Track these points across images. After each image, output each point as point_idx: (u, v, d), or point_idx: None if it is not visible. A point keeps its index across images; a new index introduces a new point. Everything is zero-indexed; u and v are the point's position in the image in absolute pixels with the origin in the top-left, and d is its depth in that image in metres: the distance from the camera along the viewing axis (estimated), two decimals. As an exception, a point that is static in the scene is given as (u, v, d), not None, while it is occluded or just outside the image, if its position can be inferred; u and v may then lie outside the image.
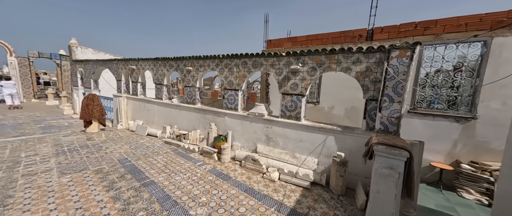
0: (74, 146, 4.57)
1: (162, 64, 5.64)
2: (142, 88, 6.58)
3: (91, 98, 5.81)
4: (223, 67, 4.38)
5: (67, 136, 5.37)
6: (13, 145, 4.44)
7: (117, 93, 7.00)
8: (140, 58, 6.14)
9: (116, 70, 7.08)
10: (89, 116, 5.73)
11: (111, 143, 4.94)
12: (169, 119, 5.66)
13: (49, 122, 7.25)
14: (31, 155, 3.92)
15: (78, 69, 8.89)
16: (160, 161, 3.91)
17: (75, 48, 9.01)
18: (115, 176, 3.21)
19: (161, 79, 5.76)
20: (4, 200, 2.42)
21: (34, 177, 3.02)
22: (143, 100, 6.31)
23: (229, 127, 4.40)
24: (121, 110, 6.66)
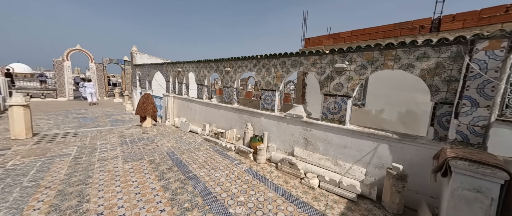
0: (133, 138, 5.34)
1: (204, 66, 6.05)
2: (186, 89, 7.23)
3: (146, 97, 6.71)
4: (261, 68, 4.37)
5: (128, 128, 6.34)
6: (92, 134, 5.50)
7: (166, 93, 7.90)
8: (185, 61, 6.76)
9: (165, 73, 8.00)
10: (144, 112, 6.63)
11: (161, 137, 5.58)
12: (208, 117, 6.03)
13: (115, 117, 8.75)
14: (104, 143, 4.77)
15: (137, 72, 10.46)
16: (201, 157, 4.17)
17: (135, 54, 10.64)
18: (164, 167, 3.58)
19: (202, 80, 6.19)
20: (86, 180, 2.99)
21: (105, 162, 3.64)
22: (187, 99, 6.92)
23: (265, 128, 4.36)
24: (169, 108, 7.47)
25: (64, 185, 2.79)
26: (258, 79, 4.45)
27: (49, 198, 2.49)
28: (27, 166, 3.32)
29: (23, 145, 4.34)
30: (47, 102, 11.90)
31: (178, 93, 7.44)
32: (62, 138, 5.00)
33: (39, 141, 4.61)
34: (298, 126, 3.77)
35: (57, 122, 7.05)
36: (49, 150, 4.10)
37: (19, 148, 4.14)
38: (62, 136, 5.13)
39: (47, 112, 8.93)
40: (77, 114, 8.64)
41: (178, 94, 7.43)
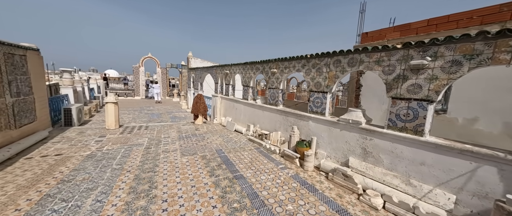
0: (188, 133, 5.98)
1: (250, 68, 6.19)
2: (232, 90, 7.62)
3: (199, 97, 7.44)
4: (310, 68, 4.08)
5: (184, 125, 7.18)
6: (158, 128, 6.50)
7: (214, 94, 8.55)
8: (232, 64, 7.13)
9: (215, 75, 8.68)
10: (197, 111, 7.37)
11: (210, 134, 6.04)
12: (252, 118, 6.13)
13: (174, 114, 10.12)
14: (166, 137, 5.54)
15: (191, 75, 11.83)
16: (247, 157, 4.23)
17: (190, 59, 12.06)
18: (214, 164, 3.81)
19: (248, 82, 6.36)
20: (154, 168, 3.50)
21: (167, 154, 4.18)
22: (232, 100, 7.27)
23: (313, 133, 4.04)
24: (217, 108, 8.05)
25: (139, 171, 3.34)
26: (307, 81, 4.17)
27: (129, 180, 3.02)
28: (115, 151, 4.18)
29: (113, 134, 5.53)
30: (128, 100, 15.01)
31: (225, 94, 7.93)
32: (137, 130, 6.11)
33: (122, 132, 5.78)
34: (354, 133, 3.30)
35: (134, 117, 8.73)
36: (129, 140, 5.06)
37: (111, 136, 5.28)
38: (137, 128, 6.27)
39: (128, 107, 11.21)
40: (147, 111, 10.47)
41: (225, 95, 7.92)
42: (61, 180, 2.92)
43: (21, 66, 4.29)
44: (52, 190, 2.65)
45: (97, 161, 3.65)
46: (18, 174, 3.02)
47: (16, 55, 4.14)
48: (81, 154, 3.94)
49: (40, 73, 5.09)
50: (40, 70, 5.10)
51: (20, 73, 4.25)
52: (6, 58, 3.82)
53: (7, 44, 3.85)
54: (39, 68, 5.01)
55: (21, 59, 4.29)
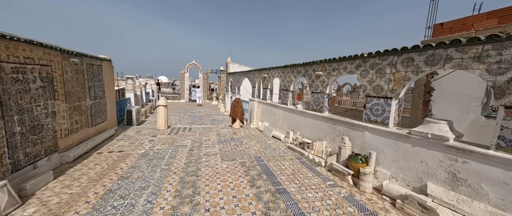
0: (227, 137, 6.04)
1: (290, 71, 5.85)
2: (270, 94, 7.40)
3: (237, 101, 7.52)
4: (367, 69, 3.45)
5: (222, 128, 7.36)
6: (199, 130, 6.83)
7: (251, 98, 8.53)
8: (271, 67, 6.93)
9: (252, 79, 8.67)
10: (234, 115, 7.45)
11: (248, 139, 5.94)
12: (292, 124, 5.73)
13: (213, 116, 10.62)
14: (207, 139, 5.72)
15: (229, 79, 12.27)
16: (288, 168, 3.88)
17: (229, 64, 12.54)
18: (254, 172, 3.61)
19: (287, 86, 6.02)
20: (196, 172, 3.55)
21: (209, 158, 4.24)
22: (270, 104, 7.04)
23: (371, 146, 3.37)
24: (254, 112, 7.98)
25: (183, 173, 3.44)
26: (363, 84, 3.55)
27: (175, 182, 3.11)
28: (164, 151, 4.49)
29: (162, 134, 6.06)
30: (175, 103, 16.76)
31: (262, 98, 7.78)
32: (182, 131, 6.56)
33: (170, 132, 6.29)
34: (436, 152, 2.53)
35: (179, 118, 9.54)
36: (175, 141, 5.43)
37: (161, 136, 5.80)
38: (182, 130, 6.74)
39: (174, 110, 12.43)
40: (190, 113, 11.34)
41: (262, 99, 7.77)
42: (121, 176, 3.23)
43: (98, 74, 5.16)
44: (114, 185, 2.93)
45: (149, 160, 3.97)
46: (91, 167, 3.52)
47: (95, 65, 4.98)
48: (137, 152, 4.38)
49: (111, 79, 6.04)
50: (111, 77, 6.06)
51: (97, 80, 5.10)
52: (87, 68, 4.63)
53: (89, 56, 4.66)
54: (110, 75, 5.96)
55: (98, 68, 5.15)
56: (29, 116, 2.94)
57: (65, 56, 3.81)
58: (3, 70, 2.54)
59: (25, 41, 2.83)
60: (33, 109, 3.03)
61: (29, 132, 2.94)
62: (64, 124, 3.77)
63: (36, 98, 3.09)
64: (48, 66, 3.35)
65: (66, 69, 3.83)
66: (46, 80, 3.31)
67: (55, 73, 3.54)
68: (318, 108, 4.72)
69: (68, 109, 3.88)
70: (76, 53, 4.13)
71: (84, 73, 4.46)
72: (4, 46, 2.56)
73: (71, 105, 3.97)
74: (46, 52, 3.32)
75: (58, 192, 2.69)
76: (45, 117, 3.27)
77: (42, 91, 3.22)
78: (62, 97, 3.70)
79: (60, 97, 3.65)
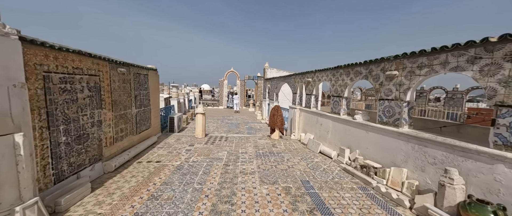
0: (265, 150, 5.32)
1: (344, 73, 4.73)
2: (315, 101, 6.35)
3: (276, 109, 6.77)
4: (500, 61, 2.13)
5: (260, 139, 6.70)
6: (236, 140, 6.37)
7: (292, 105, 7.62)
8: (317, 70, 5.92)
9: (293, 84, 7.79)
10: (273, 124, 6.70)
11: (289, 154, 5.06)
12: (347, 139, 4.53)
13: (250, 124, 10.16)
14: (243, 152, 5.15)
15: (267, 85, 11.71)
16: (351, 203, 2.82)
17: (267, 69, 12.04)
18: (303, 207, 2.72)
19: (340, 91, 4.89)
20: (231, 196, 2.94)
21: (245, 178, 3.59)
22: (316, 113, 5.97)
23: (510, 190, 2.00)
24: (295, 121, 7.03)
25: (216, 198, 2.86)
26: (488, 86, 2.22)
27: (206, 212, 2.55)
28: (198, 165, 4.11)
29: (200, 143, 5.85)
30: (214, 109, 17.40)
31: (305, 106, 6.78)
32: (218, 140, 6.23)
33: (207, 141, 6.04)
34: None
35: (217, 126, 9.47)
36: (211, 152, 5.06)
37: (197, 145, 5.57)
38: (219, 139, 6.42)
39: (213, 116, 12.67)
40: (228, 120, 11.24)
41: (305, 107, 6.77)
42: (152, 194, 2.91)
43: (144, 83, 5.36)
44: (142, 207, 2.59)
45: (183, 174, 3.61)
46: (127, 179, 3.38)
47: (141, 74, 5.18)
48: (173, 163, 4.15)
49: (156, 88, 6.30)
50: (156, 86, 6.32)
51: (143, 89, 5.29)
52: (134, 78, 4.80)
53: (136, 66, 4.84)
54: (155, 84, 6.22)
55: (144, 77, 5.36)
56: (75, 125, 2.97)
57: (113, 66, 3.94)
58: (51, 81, 2.57)
59: (74, 51, 2.88)
60: (80, 118, 3.07)
61: (74, 142, 2.96)
62: (110, 132, 3.84)
63: (83, 108, 3.14)
64: (96, 76, 3.44)
65: (113, 79, 3.95)
66: (94, 89, 3.38)
67: (103, 83, 3.63)
68: (392, 121, 3.46)
69: (114, 118, 3.97)
70: (124, 63, 4.27)
71: (130, 82, 4.62)
72: (53, 57, 2.60)
73: (117, 113, 4.07)
74: (95, 62, 3.42)
75: (89, 210, 2.50)
76: (91, 126, 3.32)
77: (89, 101, 3.28)
78: (108, 106, 3.79)
79: (107, 106, 3.73)
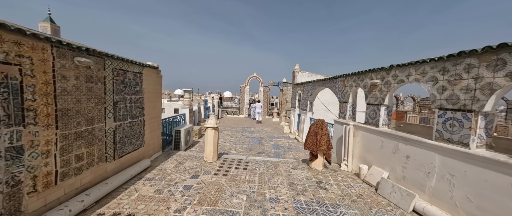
0: (308, 196, 3.18)
1: (464, 67, 2.41)
2: (385, 115, 4.03)
3: (320, 125, 4.59)
4: None
5: (295, 168, 4.57)
6: (260, 169, 4.37)
7: (340, 119, 5.34)
8: (395, 65, 3.64)
9: (341, 90, 5.55)
10: (316, 147, 4.51)
11: (354, 208, 2.83)
12: (488, 198, 2.14)
13: (276, 140, 8.08)
14: (273, 195, 3.12)
15: (297, 92, 9.57)
16: None
17: (297, 73, 9.95)
18: None
19: (465, 100, 2.55)
20: None
21: None
22: (393, 136, 3.63)
23: None
24: (347, 143, 4.74)
25: None
26: None
27: None
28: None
29: (208, 172, 4.01)
30: (233, 118, 15.80)
31: (366, 122, 4.46)
32: (235, 168, 4.30)
33: (218, 170, 4.16)
34: None
35: (235, 140, 7.63)
36: (223, 192, 3.14)
37: (203, 178, 3.72)
38: (236, 165, 4.50)
39: (232, 127, 10.94)
40: (248, 133, 9.35)
41: (365, 124, 4.45)
42: None
43: (134, 85, 3.81)
44: None
45: None
46: None
47: (129, 72, 3.64)
48: (150, 224, 2.33)
49: (157, 92, 4.76)
50: (157, 90, 4.78)
51: (132, 92, 3.74)
52: (114, 76, 3.24)
53: (118, 59, 3.29)
54: (155, 87, 4.68)
55: (135, 77, 3.81)
56: None
57: (64, 54, 2.37)
58: None
59: None
60: None
61: None
62: (47, 165, 2.21)
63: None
64: (13, 66, 1.86)
65: (64, 74, 2.38)
66: (4, 90, 1.80)
67: (33, 79, 2.05)
68: None
69: (61, 139, 2.36)
70: (89, 50, 2.71)
71: (105, 82, 3.05)
72: None
73: (68, 132, 2.46)
74: (12, 41, 1.85)
75: None
76: (-12, 161, 1.70)
77: (-15, 112, 1.68)
78: (46, 119, 2.19)
79: (41, 119, 2.14)
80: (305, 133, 7.90)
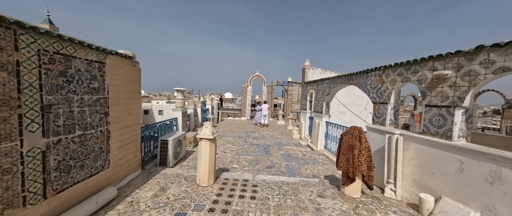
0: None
1: None
2: (464, 123, 2.73)
3: (357, 136, 3.30)
4: None
5: (322, 195, 3.28)
6: (273, 196, 3.09)
7: (377, 126, 4.06)
8: (488, 46, 2.35)
9: (375, 87, 4.26)
10: (354, 167, 3.21)
11: None
12: None
13: (286, 148, 6.79)
14: None
15: (308, 91, 8.29)
16: None
17: (307, 69, 8.69)
18: None
19: None
20: None
21: None
22: (477, 154, 2.34)
23: None
24: (393, 160, 3.45)
25: None
26: None
27: None
28: None
29: (200, 207, 2.73)
30: (235, 121, 14.52)
31: (425, 132, 3.16)
32: (239, 197, 3.03)
33: (216, 200, 2.89)
34: None
35: (237, 149, 6.35)
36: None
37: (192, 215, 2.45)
38: (240, 191, 3.22)
39: (233, 132, 9.66)
40: (252, 139, 8.06)
41: (423, 133, 3.16)
42: None
43: (89, 80, 2.55)
44: None
45: None
46: None
47: (78, 60, 2.38)
48: None
49: (132, 91, 3.51)
50: (133, 88, 3.53)
51: (84, 91, 2.48)
52: (45, 63, 1.98)
53: (53, 37, 2.03)
54: (130, 84, 3.43)
55: (90, 68, 2.56)
56: None
57: None
58: None
59: None
60: None
61: None
62: None
63: None
64: None
65: None
66: None
67: None
68: None
69: None
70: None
71: (19, 72, 1.80)
72: None
73: None
74: None
75: None
76: None
77: None
78: None
79: None
80: (320, 139, 6.61)
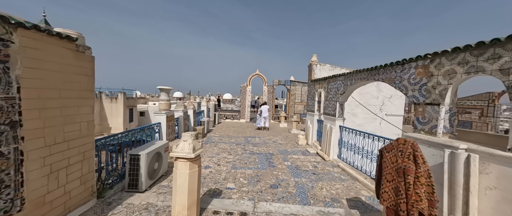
0: None
1: None
2: None
3: (410, 154, 2.20)
4: None
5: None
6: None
7: (424, 136, 2.97)
8: None
9: (417, 83, 3.16)
10: (408, 203, 2.10)
11: None
12: None
13: (292, 158, 5.70)
14: None
15: (316, 90, 7.19)
16: None
17: (314, 66, 7.60)
18: None
19: None
20: None
21: None
22: None
23: None
24: (461, 188, 2.35)
25: None
26: None
27: None
28: None
29: None
30: (233, 123, 13.41)
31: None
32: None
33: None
34: None
35: (235, 160, 5.25)
36: None
37: None
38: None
39: (230, 137, 8.56)
40: (252, 146, 6.95)
41: (511, 151, 2.07)
42: None
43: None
44: None
45: None
46: None
47: None
48: None
49: (77, 88, 2.41)
50: (77, 83, 2.43)
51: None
52: None
53: None
54: (70, 77, 2.33)
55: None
56: None
57: None
58: None
59: None
60: None
61: None
62: None
63: None
64: None
65: None
66: None
67: None
68: None
69: None
70: None
71: None
72: None
73: None
74: None
75: None
76: None
77: None
78: None
79: None
80: (333, 147, 5.52)
